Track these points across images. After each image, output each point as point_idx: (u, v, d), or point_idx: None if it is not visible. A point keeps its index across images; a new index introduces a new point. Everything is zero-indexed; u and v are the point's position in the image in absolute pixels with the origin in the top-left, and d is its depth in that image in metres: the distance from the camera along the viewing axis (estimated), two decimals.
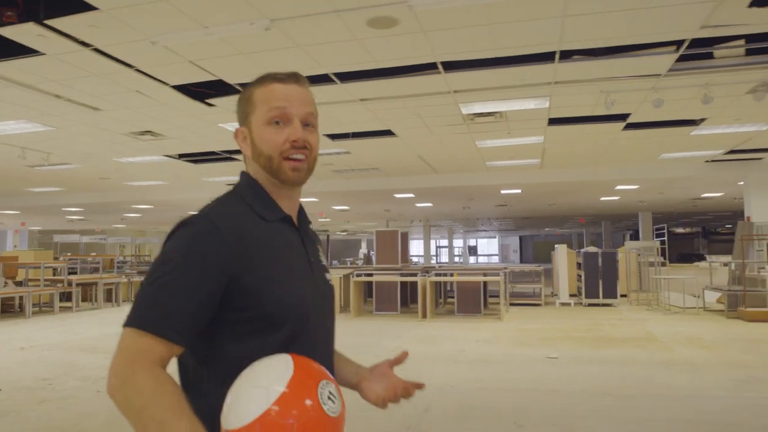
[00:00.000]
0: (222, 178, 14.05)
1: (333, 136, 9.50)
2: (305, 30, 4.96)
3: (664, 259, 14.80)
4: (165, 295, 1.01)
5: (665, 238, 15.46)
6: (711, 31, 5.10)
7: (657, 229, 21.05)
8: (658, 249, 13.23)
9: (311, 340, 1.13)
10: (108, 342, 8.44)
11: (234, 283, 1.04)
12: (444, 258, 49.90)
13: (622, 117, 8.22)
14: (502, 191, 14.98)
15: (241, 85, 6.62)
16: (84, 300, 14.71)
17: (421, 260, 43.90)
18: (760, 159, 12.02)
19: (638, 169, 12.67)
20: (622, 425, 4.29)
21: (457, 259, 55.56)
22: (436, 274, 12.07)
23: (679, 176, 12.93)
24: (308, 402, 0.91)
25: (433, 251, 56.76)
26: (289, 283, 1.11)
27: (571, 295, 13.59)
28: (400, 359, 1.29)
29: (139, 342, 0.98)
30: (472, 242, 57.26)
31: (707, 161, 12.18)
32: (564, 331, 9.20)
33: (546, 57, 5.76)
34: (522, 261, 53.18)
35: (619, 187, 14.76)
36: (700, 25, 4.97)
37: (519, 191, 15.12)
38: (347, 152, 10.83)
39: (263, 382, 0.93)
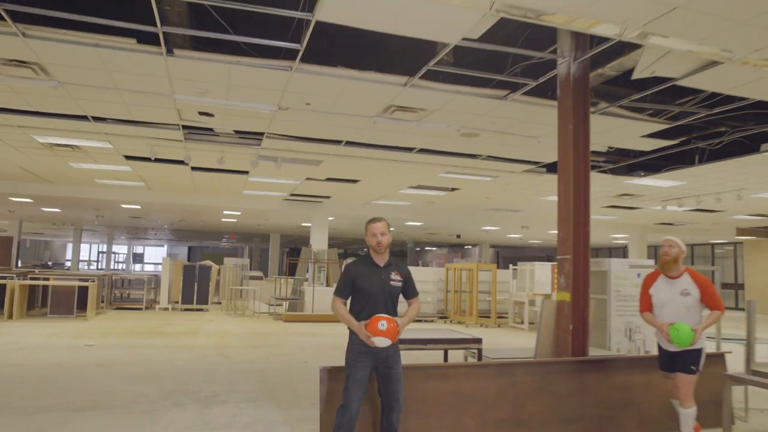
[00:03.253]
0: None
1: None
2: None
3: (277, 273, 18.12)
4: (341, 285, 3.76)
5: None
6: (190, 122, 7.79)
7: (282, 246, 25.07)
8: (248, 264, 16.37)
9: (377, 304, 3.67)
10: None
11: (354, 284, 3.71)
12: (103, 264, 47.78)
13: (179, 162, 10.69)
14: (123, 205, 16.42)
15: None
16: None
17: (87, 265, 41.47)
18: (320, 202, 16.20)
19: (235, 200, 15.64)
20: (75, 380, 6.37)
21: (120, 265, 53.71)
22: (32, 278, 12.85)
23: (267, 208, 16.38)
24: (373, 323, 3.51)
25: (93, 256, 53.69)
26: (369, 285, 3.69)
27: (175, 302, 15.74)
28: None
29: (336, 298, 3.77)
30: (139, 249, 55.98)
31: (285, 199, 15.85)
32: (130, 327, 11.22)
33: (78, 117, 7.72)
34: None
35: (226, 212, 17.67)
36: (179, 118, 7.60)
37: (139, 207, 16.78)
38: None
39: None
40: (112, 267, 46.51)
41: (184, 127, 8.09)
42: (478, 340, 5.24)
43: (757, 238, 21.23)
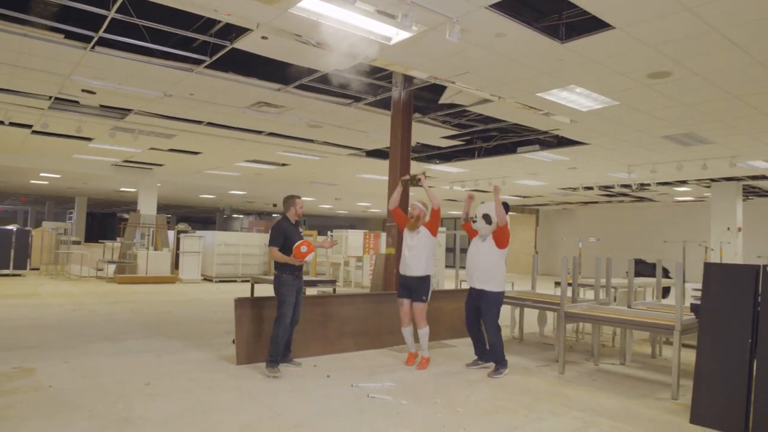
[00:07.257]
0: None
1: None
2: None
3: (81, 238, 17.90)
4: (274, 238, 5.55)
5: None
6: (63, 95, 8.50)
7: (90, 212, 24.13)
8: (68, 229, 16.27)
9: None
10: None
11: (285, 237, 5.50)
12: None
13: (29, 126, 10.90)
14: None
15: None
16: None
17: None
18: (150, 169, 16.73)
19: (59, 162, 15.42)
20: None
21: None
22: None
23: (93, 173, 16.40)
24: (297, 251, 5.40)
25: None
26: (293, 237, 5.51)
27: None
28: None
29: (273, 248, 5.53)
30: None
31: (113, 165, 16.08)
32: None
33: None
34: None
35: (44, 174, 17.14)
36: (58, 92, 8.28)
37: None
38: None
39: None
40: None
41: (55, 99, 8.71)
42: (334, 282, 7.36)
43: (517, 214, 26.74)
